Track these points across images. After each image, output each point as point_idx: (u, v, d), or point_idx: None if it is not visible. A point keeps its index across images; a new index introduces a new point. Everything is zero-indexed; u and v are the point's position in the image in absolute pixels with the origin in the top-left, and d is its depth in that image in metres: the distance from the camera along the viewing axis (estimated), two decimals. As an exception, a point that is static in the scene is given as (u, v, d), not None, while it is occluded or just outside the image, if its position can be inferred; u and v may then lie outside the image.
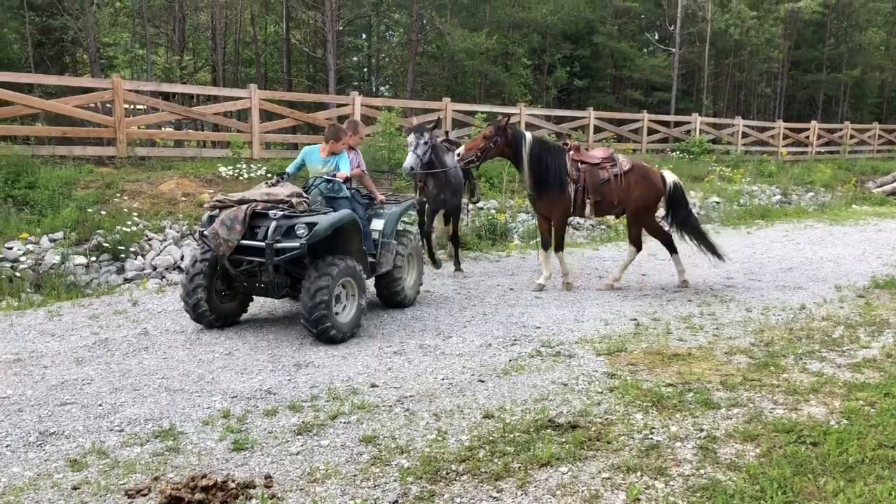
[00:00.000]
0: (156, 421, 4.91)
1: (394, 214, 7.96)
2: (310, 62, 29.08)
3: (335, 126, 7.80)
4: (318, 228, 6.44)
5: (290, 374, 5.92)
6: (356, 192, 7.85)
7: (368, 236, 7.56)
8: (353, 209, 7.35)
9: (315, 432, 4.77)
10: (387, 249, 7.75)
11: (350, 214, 6.91)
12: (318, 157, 7.68)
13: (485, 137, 8.80)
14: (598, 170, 9.21)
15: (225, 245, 6.53)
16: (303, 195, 6.94)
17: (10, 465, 4.25)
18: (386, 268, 7.80)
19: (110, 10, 24.22)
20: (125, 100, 13.56)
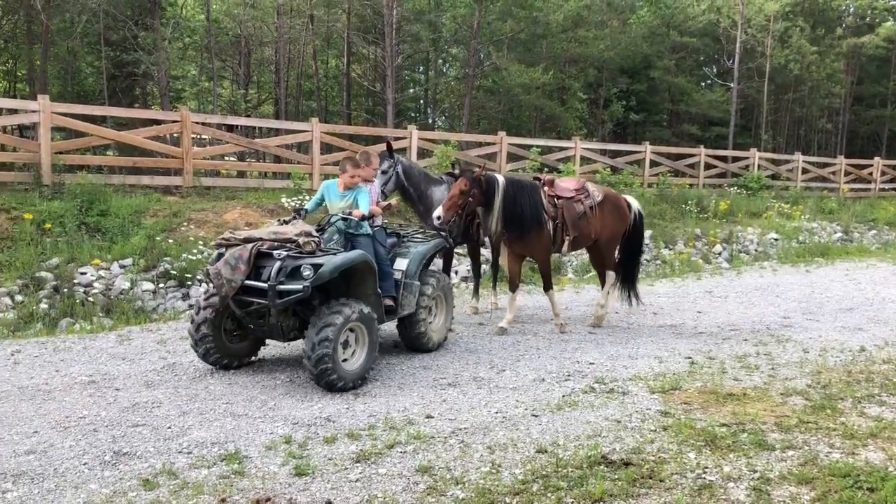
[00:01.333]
0: (222, 444, 5.12)
1: (418, 254, 7.56)
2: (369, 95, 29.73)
3: (345, 158, 7.35)
4: (324, 270, 6.08)
5: (348, 403, 6.10)
6: (380, 230, 7.43)
7: (389, 277, 7.16)
8: (374, 248, 7.05)
9: (373, 460, 4.92)
10: (409, 291, 7.36)
11: (361, 255, 6.54)
12: (336, 191, 7.28)
13: (461, 193, 8.10)
14: (573, 203, 8.89)
15: (228, 285, 6.17)
16: (312, 234, 6.56)
17: (88, 482, 4.50)
18: (408, 310, 7.39)
19: (180, 44, 25.22)
20: (192, 131, 14.14)
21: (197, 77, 26.16)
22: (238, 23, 25.20)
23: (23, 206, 10.74)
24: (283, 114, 24.98)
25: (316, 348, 6.06)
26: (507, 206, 8.31)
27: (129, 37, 21.74)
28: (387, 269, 7.14)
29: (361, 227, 7.02)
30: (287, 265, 6.10)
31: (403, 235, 7.88)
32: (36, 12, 20.44)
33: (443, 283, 7.90)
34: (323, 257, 6.23)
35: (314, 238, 6.48)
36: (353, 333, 6.42)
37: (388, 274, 7.13)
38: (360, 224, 7.00)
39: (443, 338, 8.01)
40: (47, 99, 12.49)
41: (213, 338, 6.73)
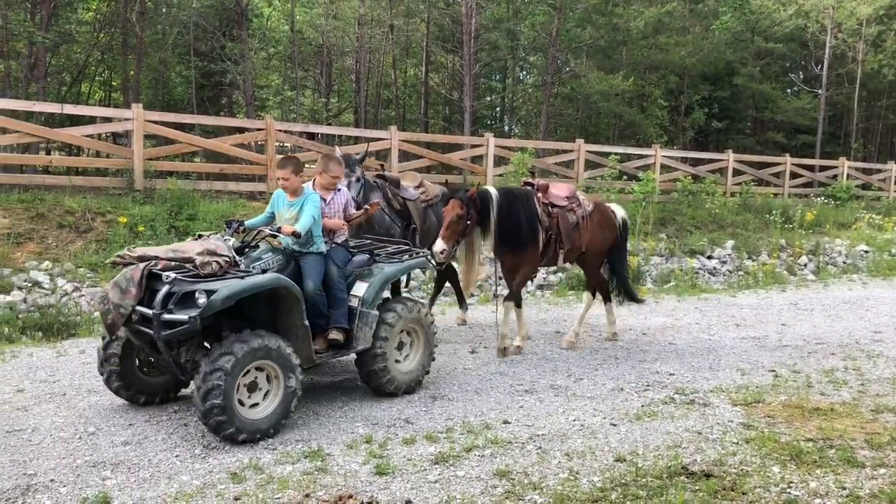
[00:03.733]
0: (305, 442, 5.28)
1: (381, 278, 6.22)
2: (446, 104, 29.98)
3: (284, 158, 6.10)
4: (214, 298, 4.91)
5: (426, 406, 6.19)
6: (338, 248, 6.26)
7: (342, 304, 5.97)
8: (327, 269, 5.98)
9: (451, 463, 4.99)
10: (365, 322, 6.05)
11: (274, 280, 5.35)
12: (284, 200, 6.06)
13: (459, 218, 7.29)
14: (567, 213, 8.08)
15: (115, 312, 5.16)
16: (219, 252, 5.32)
17: (180, 473, 4.71)
18: (363, 345, 6.06)
19: (264, 55, 25.98)
20: (276, 139, 14.56)
21: (281, 86, 26.89)
22: (320, 33, 25.79)
23: (117, 210, 11.24)
24: (362, 122, 25.43)
25: (206, 398, 4.94)
26: (503, 220, 7.54)
27: (216, 48, 22.54)
28: (339, 294, 5.97)
29: (313, 243, 5.96)
30: (177, 290, 5.02)
31: (376, 253, 6.57)
32: (131, 25, 21.41)
33: (415, 312, 6.47)
34: (220, 282, 5.06)
35: (222, 257, 5.27)
36: (262, 373, 5.30)
37: (340, 301, 5.96)
38: (310, 240, 5.94)
39: (416, 380, 6.54)
40: (140, 108, 13.06)
41: (119, 363, 5.74)
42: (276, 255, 5.75)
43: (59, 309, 8.86)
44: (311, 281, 5.78)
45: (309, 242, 5.94)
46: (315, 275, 5.84)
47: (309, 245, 5.94)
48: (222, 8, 23.65)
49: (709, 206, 17.34)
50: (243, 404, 5.18)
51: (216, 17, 23.60)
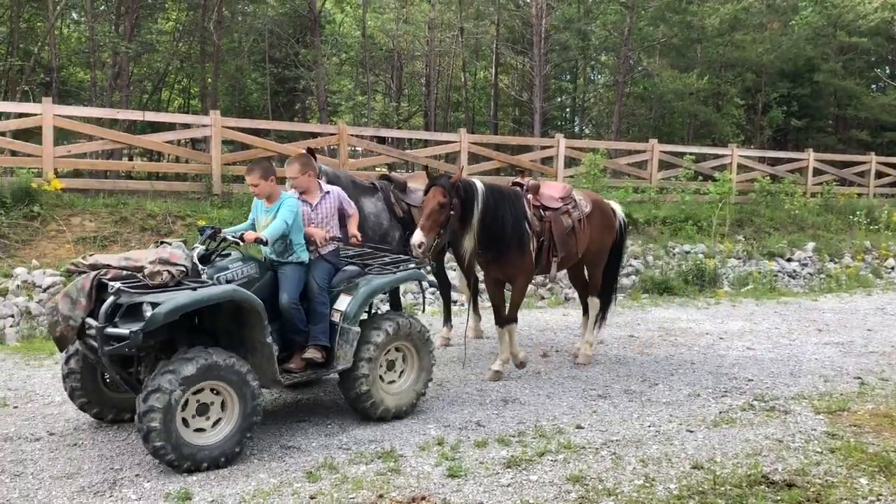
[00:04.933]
0: (378, 442, 5.33)
1: (366, 291, 5.64)
2: (516, 105, 29.89)
3: (254, 162, 5.86)
4: (157, 312, 4.50)
5: (497, 409, 6.17)
6: (319, 261, 5.69)
7: (321, 319, 5.47)
8: (308, 282, 5.54)
9: (524, 467, 4.96)
10: (345, 339, 5.49)
11: (229, 293, 4.87)
12: (262, 205, 5.65)
13: (441, 206, 6.31)
14: (561, 216, 7.14)
15: (64, 324, 4.81)
16: (174, 262, 4.89)
17: (257, 471, 4.81)
18: (344, 364, 5.50)
19: (336, 60, 26.39)
20: (348, 143, 14.76)
21: (352, 91, 27.28)
22: (391, 38, 26.05)
23: (196, 214, 11.58)
24: (431, 125, 25.57)
25: (143, 420, 4.52)
26: (486, 219, 6.54)
27: (290, 54, 23.01)
28: (319, 309, 5.48)
29: (292, 252, 5.53)
30: (124, 301, 4.65)
31: (367, 265, 6.01)
32: (209, 34, 22.05)
33: (408, 329, 5.86)
34: (167, 293, 4.67)
35: (176, 267, 4.85)
36: (217, 396, 4.86)
37: (320, 315, 5.47)
38: (290, 248, 5.53)
39: (409, 403, 5.92)
40: (218, 114, 13.43)
41: (81, 377, 5.35)
42: (247, 264, 5.31)
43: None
44: (286, 293, 5.35)
45: (287, 251, 5.52)
46: (291, 287, 5.40)
47: (287, 254, 5.53)
48: (296, 15, 24.13)
49: (788, 207, 16.79)
50: (190, 428, 4.73)
51: (290, 24, 24.10)
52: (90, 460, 4.92)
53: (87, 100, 21.69)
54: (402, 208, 7.45)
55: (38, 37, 22.21)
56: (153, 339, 4.79)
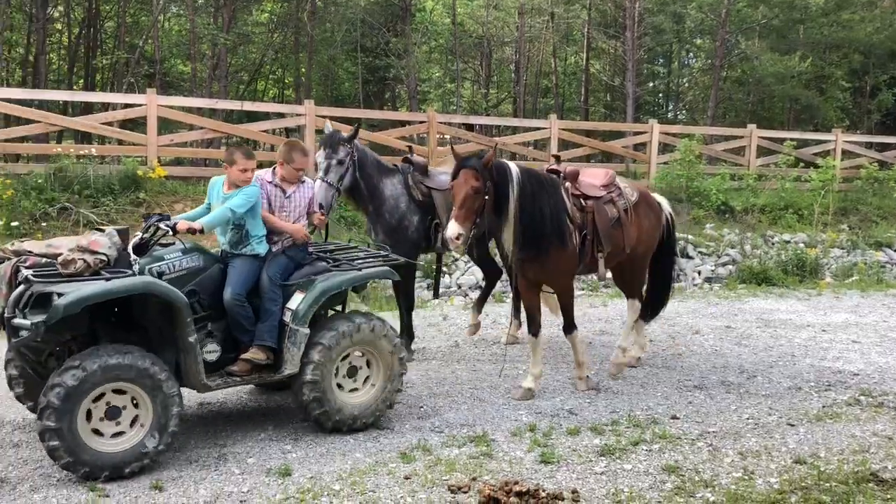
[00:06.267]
0: (470, 427, 5.37)
1: (321, 289, 5.09)
2: (607, 90, 29.37)
3: (234, 147, 5.43)
4: (58, 304, 4.18)
5: (590, 398, 6.11)
6: (278, 256, 5.23)
7: (269, 317, 5.02)
8: (260, 277, 5.09)
9: (618, 455, 4.91)
10: (293, 341, 4.99)
11: (142, 285, 4.51)
12: (219, 191, 5.22)
13: (476, 192, 5.48)
14: (604, 205, 6.31)
15: None
16: (92, 250, 4.57)
17: (353, 451, 4.93)
18: (290, 369, 5.00)
19: (426, 48, 26.52)
20: (437, 131, 14.85)
21: (441, 79, 27.38)
22: (481, 24, 26.00)
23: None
24: (521, 111, 25.41)
25: (42, 417, 4.23)
26: (524, 209, 5.71)
27: (381, 43, 23.27)
28: (269, 306, 5.03)
29: (247, 244, 5.12)
30: (34, 291, 4.37)
31: (336, 261, 5.47)
32: (303, 24, 22.51)
33: (369, 332, 5.21)
34: (76, 284, 4.37)
35: (96, 255, 4.55)
36: (124, 396, 4.46)
37: (268, 314, 5.03)
38: (244, 239, 5.11)
39: (373, 413, 5.30)
40: (312, 103, 13.72)
41: (19, 366, 5.05)
42: (189, 255, 4.90)
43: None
44: (230, 288, 4.94)
45: (242, 242, 5.12)
46: (238, 281, 4.97)
47: (242, 245, 5.12)
48: (387, 4, 24.36)
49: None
50: (98, 433, 4.40)
51: (381, 13, 24.34)
52: (197, 436, 5.14)
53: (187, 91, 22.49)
54: (422, 191, 6.94)
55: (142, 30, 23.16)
56: (67, 331, 4.56)
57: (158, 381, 4.46)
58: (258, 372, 5.03)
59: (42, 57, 20.21)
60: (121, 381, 4.38)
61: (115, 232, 4.83)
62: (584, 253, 6.10)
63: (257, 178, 5.21)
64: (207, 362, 4.83)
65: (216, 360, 4.92)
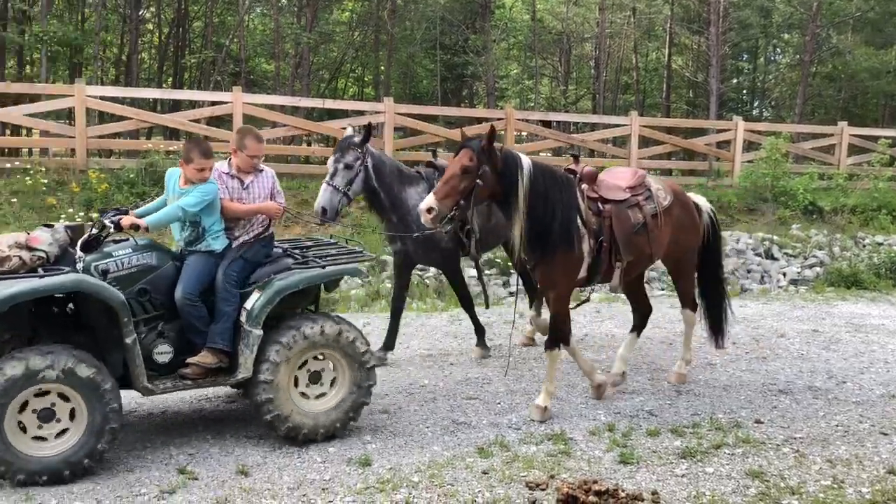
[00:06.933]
0: (548, 424, 5.35)
1: (278, 288, 4.79)
2: (690, 87, 28.75)
3: (191, 142, 5.11)
4: None
5: (670, 399, 6.01)
6: (234, 253, 4.95)
7: (223, 318, 4.78)
8: (216, 275, 4.84)
9: (699, 458, 4.81)
10: (246, 343, 4.73)
11: (73, 283, 4.30)
12: (175, 184, 4.97)
13: (464, 171, 5.08)
14: (626, 210, 5.71)
15: None
16: (32, 246, 4.47)
17: (431, 444, 4.98)
18: (243, 373, 4.73)
19: (505, 45, 26.48)
20: (515, 128, 14.83)
21: (519, 76, 27.29)
22: (561, 21, 25.80)
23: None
24: (600, 108, 25.13)
25: None
26: (534, 205, 5.25)
27: (460, 40, 23.35)
28: (223, 307, 4.79)
29: (202, 240, 4.88)
30: None
31: (303, 258, 5.16)
32: (383, 23, 22.80)
33: (332, 335, 4.88)
34: (9, 281, 4.23)
35: (35, 252, 4.45)
36: (65, 401, 4.28)
37: (222, 314, 4.78)
38: (200, 236, 4.88)
39: (335, 423, 4.96)
40: (391, 101, 13.89)
41: None
42: (139, 252, 4.71)
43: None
44: (182, 286, 4.72)
45: (199, 239, 4.87)
46: (190, 279, 4.74)
47: (198, 242, 4.88)
48: (467, 1, 24.44)
49: None
50: (28, 435, 4.24)
51: (461, 10, 24.43)
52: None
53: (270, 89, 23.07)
54: None
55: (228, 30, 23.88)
56: (6, 331, 4.47)
57: (88, 380, 4.24)
58: (213, 375, 4.79)
59: (134, 56, 21.07)
60: (48, 383, 4.18)
61: (63, 228, 4.74)
62: (599, 261, 5.57)
63: (214, 171, 4.96)
64: (159, 364, 4.67)
65: (169, 362, 4.71)
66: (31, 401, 4.21)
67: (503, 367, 6.77)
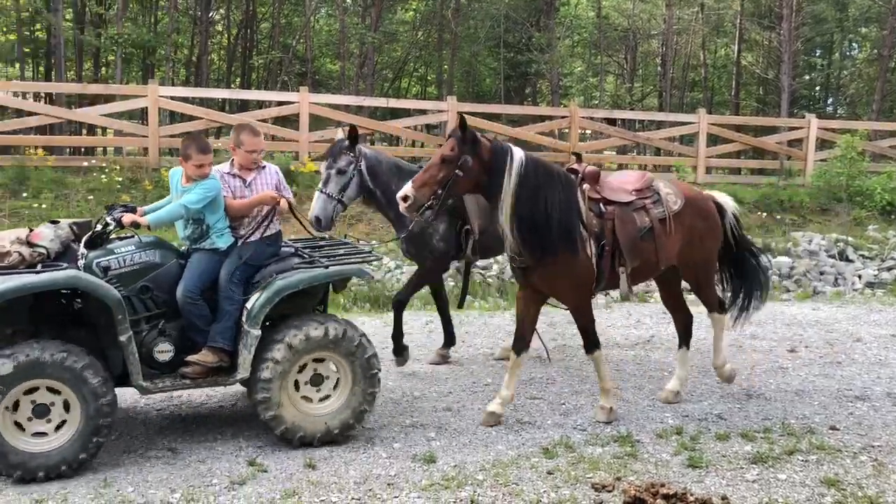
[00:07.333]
0: (614, 426, 5.28)
1: (279, 287, 4.69)
2: (760, 84, 28.03)
3: (189, 139, 4.94)
4: None
5: (740, 403, 5.87)
6: (238, 250, 4.88)
7: (225, 317, 4.72)
8: (219, 270, 4.79)
9: (771, 464, 4.69)
10: (245, 343, 4.68)
11: (67, 279, 4.30)
12: (178, 183, 4.94)
13: (444, 161, 4.91)
14: (631, 213, 5.41)
15: None
16: (33, 242, 4.46)
17: (495, 443, 4.97)
18: (242, 374, 4.69)
19: (569, 42, 26.27)
20: (579, 126, 14.69)
21: (584, 73, 27.03)
22: (627, 17, 25.45)
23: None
24: (666, 106, 24.71)
25: None
26: (525, 198, 4.99)
27: (524, 38, 23.25)
28: (225, 305, 4.74)
29: (207, 238, 4.84)
30: None
31: (309, 258, 5.04)
32: (447, 22, 22.85)
33: (335, 337, 4.76)
34: (4, 277, 4.22)
35: (36, 248, 4.44)
36: (56, 395, 4.27)
37: (224, 313, 4.73)
38: (205, 234, 4.84)
39: (338, 428, 4.84)
40: (454, 100, 13.92)
41: None
42: (143, 250, 4.68)
43: (383, 284, 9.77)
44: (183, 284, 4.69)
45: (203, 236, 4.84)
46: (192, 277, 4.71)
47: (202, 240, 4.85)
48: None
49: None
50: (27, 432, 4.26)
51: (525, 8, 24.33)
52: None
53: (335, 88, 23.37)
54: None
55: (294, 31, 24.27)
56: (6, 326, 4.50)
57: (78, 373, 4.23)
58: (213, 375, 4.73)
59: (204, 57, 21.60)
60: (40, 379, 4.20)
61: (68, 224, 4.75)
62: (602, 266, 5.26)
63: (216, 172, 4.92)
64: (160, 362, 4.64)
65: (170, 361, 4.66)
66: (23, 398, 4.22)
67: (568, 368, 6.72)
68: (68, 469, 4.28)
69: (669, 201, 5.56)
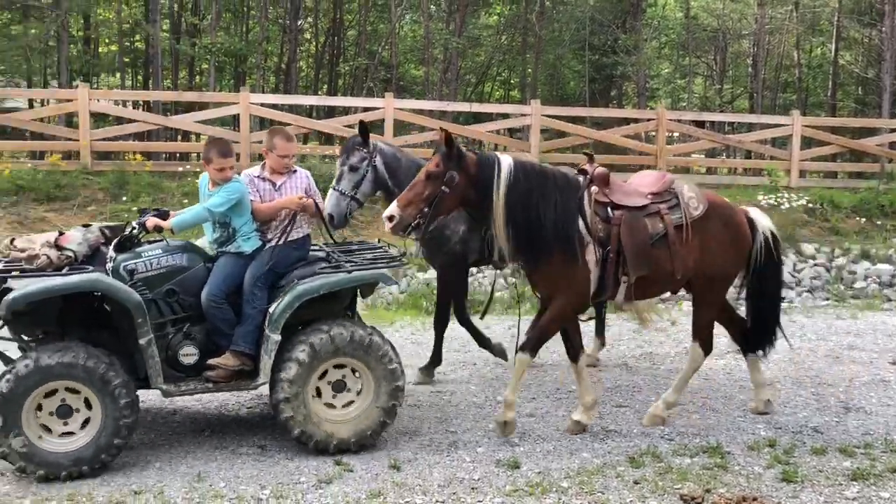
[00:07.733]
0: (703, 437, 5.15)
1: (299, 292, 4.66)
2: (859, 84, 26.81)
3: (210, 143, 5.07)
4: (6, 300, 4.21)
5: (838, 417, 5.63)
6: (265, 253, 4.88)
7: (248, 321, 4.72)
8: (244, 274, 4.79)
9: (872, 482, 4.49)
10: (265, 349, 4.67)
11: (89, 282, 4.37)
12: (205, 188, 5.00)
13: (429, 177, 4.82)
14: (643, 218, 5.09)
15: None
16: (62, 246, 4.51)
17: (580, 450, 4.91)
18: (263, 379, 4.69)
19: (656, 43, 25.76)
20: (666, 129, 14.39)
21: (671, 75, 26.46)
22: (716, 17, 24.79)
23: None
24: (758, 107, 23.92)
25: None
26: (517, 205, 4.85)
27: (609, 40, 22.93)
28: (248, 310, 4.73)
29: (233, 241, 4.85)
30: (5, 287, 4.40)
31: (335, 262, 4.98)
32: (531, 25, 22.76)
33: (357, 341, 4.73)
34: (30, 279, 4.32)
35: (65, 251, 4.49)
36: (75, 395, 4.37)
37: (247, 317, 4.72)
38: (231, 237, 4.86)
39: (362, 434, 4.79)
40: (538, 103, 13.85)
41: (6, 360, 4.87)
42: (170, 254, 4.72)
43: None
44: (207, 288, 4.70)
45: (229, 240, 4.86)
46: (216, 281, 4.72)
47: (228, 243, 4.87)
48: (618, 0, 23.97)
49: None
50: (50, 431, 4.35)
51: (611, 10, 23.99)
52: (429, 421, 5.39)
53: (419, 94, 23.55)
54: None
55: (380, 38, 24.61)
56: (37, 327, 4.62)
57: (98, 374, 4.31)
58: (237, 379, 4.74)
59: (293, 65, 22.14)
60: (63, 380, 4.29)
61: (98, 228, 4.83)
62: (605, 274, 5.00)
63: (244, 176, 5.00)
64: (184, 365, 4.67)
65: (195, 364, 4.69)
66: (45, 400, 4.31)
67: (655, 377, 6.59)
68: (91, 470, 4.36)
69: (690, 206, 5.19)
